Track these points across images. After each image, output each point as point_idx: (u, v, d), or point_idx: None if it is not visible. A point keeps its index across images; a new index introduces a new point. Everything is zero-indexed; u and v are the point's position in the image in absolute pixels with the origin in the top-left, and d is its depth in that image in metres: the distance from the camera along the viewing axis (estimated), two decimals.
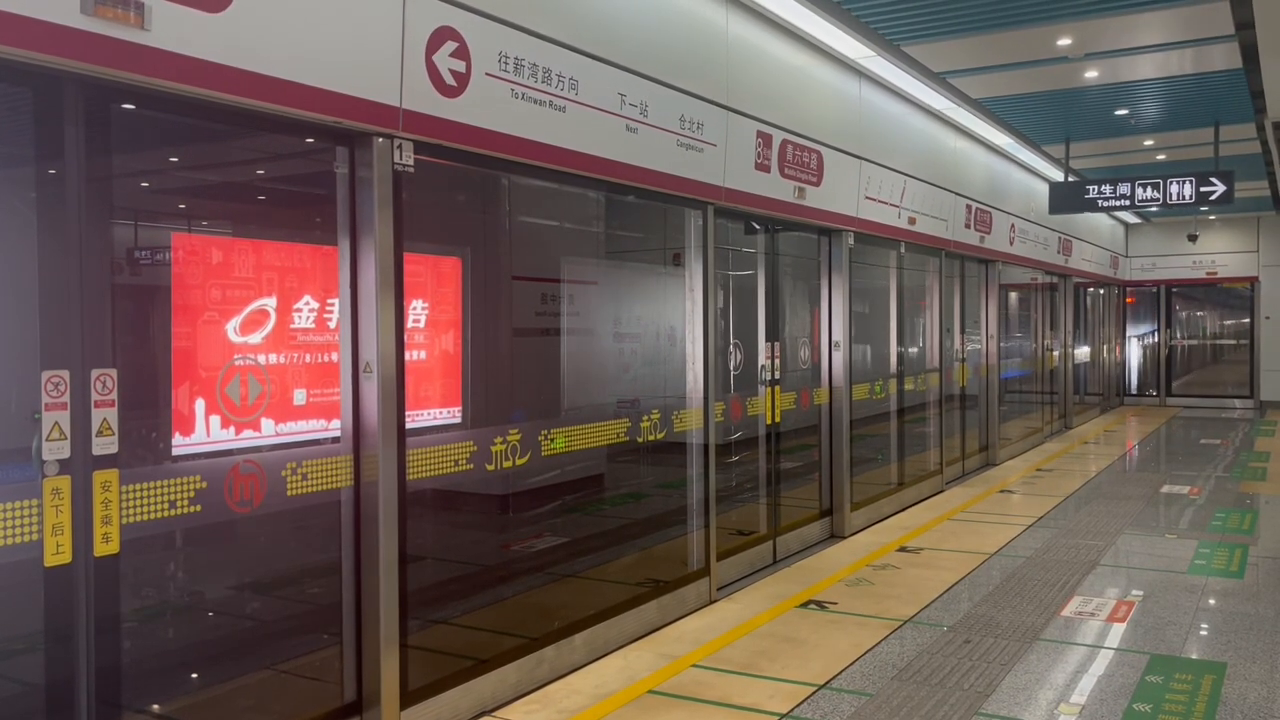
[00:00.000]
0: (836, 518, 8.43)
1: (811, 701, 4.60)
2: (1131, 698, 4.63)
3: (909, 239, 9.73)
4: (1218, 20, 7.46)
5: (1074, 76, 9.33)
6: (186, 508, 3.57)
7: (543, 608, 5.33)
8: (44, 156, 3.18)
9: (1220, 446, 14.00)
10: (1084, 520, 8.67)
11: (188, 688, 3.85)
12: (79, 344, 3.20)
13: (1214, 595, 6.33)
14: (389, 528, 4.15)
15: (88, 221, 3.23)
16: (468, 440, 4.81)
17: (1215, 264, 20.24)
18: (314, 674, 4.21)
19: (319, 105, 3.77)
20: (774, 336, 7.59)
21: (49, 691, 3.20)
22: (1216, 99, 10.29)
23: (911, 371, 10.30)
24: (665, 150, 5.85)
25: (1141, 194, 12.08)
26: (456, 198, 5.43)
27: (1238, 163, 12.75)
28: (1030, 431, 14.41)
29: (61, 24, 2.98)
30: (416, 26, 4.16)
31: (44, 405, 3.11)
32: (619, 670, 5.04)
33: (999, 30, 7.77)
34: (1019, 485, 10.76)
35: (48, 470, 3.12)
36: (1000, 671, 4.98)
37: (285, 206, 4.59)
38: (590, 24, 5.24)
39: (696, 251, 6.46)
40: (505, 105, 4.64)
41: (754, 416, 7.48)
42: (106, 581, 3.28)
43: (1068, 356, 16.50)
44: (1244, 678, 4.88)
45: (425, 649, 4.50)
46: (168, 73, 3.27)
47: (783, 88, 7.29)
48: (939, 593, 6.38)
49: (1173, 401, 20.79)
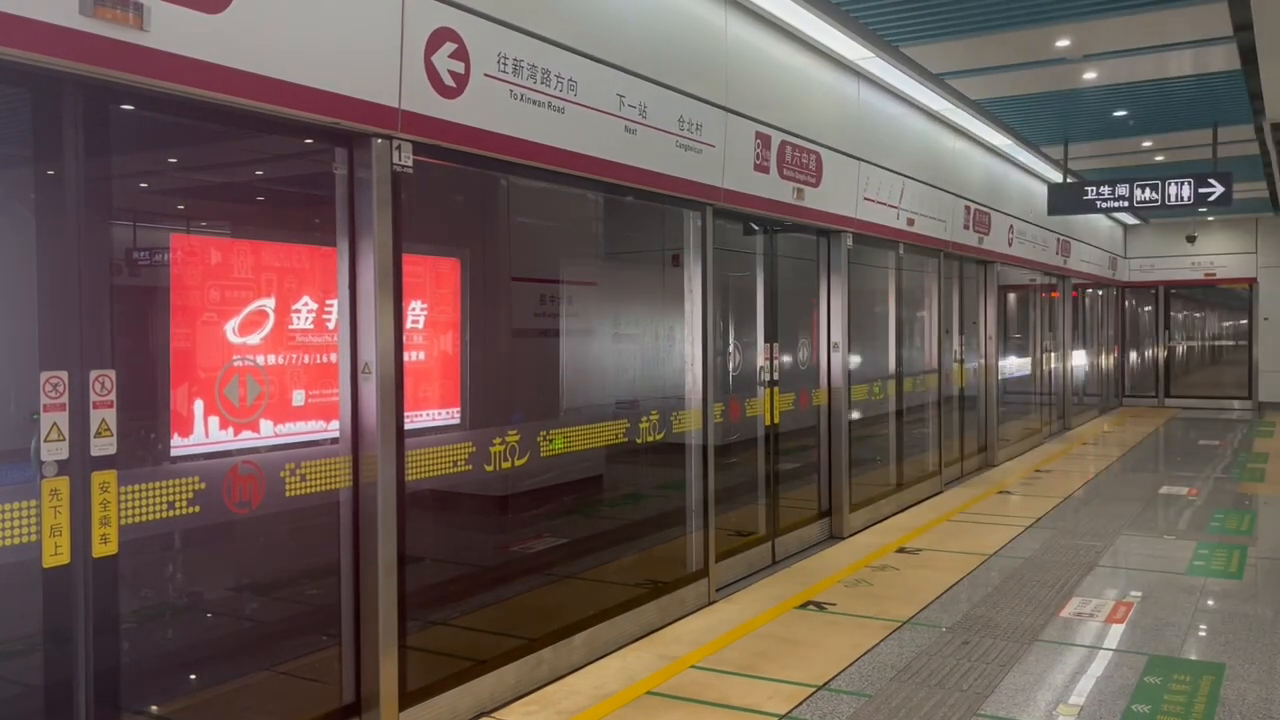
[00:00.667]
0: (835, 519, 8.43)
1: (810, 702, 4.60)
2: (1130, 699, 4.63)
3: (908, 240, 9.74)
4: (1216, 22, 7.46)
5: (1073, 77, 9.34)
6: (185, 509, 3.57)
7: (542, 609, 5.33)
8: (43, 157, 3.18)
9: (1219, 447, 14.01)
10: (1083, 521, 8.67)
11: (187, 689, 3.85)
12: (77, 345, 3.20)
13: (1212, 596, 6.34)
14: (387, 529, 4.14)
15: (86, 222, 3.23)
16: (466, 441, 4.81)
17: (1214, 265, 20.25)
18: (313, 675, 4.21)
19: (318, 106, 3.77)
20: (773, 337, 7.59)
21: (48, 692, 3.20)
22: (1215, 100, 10.29)
23: (910, 372, 10.29)
24: (664, 151, 5.85)
25: (1140, 195, 12.08)
26: (455, 199, 5.43)
27: (1236, 164, 12.75)
28: (1029, 432, 14.42)
29: (60, 25, 2.98)
30: (415, 27, 4.16)
31: (43, 406, 3.11)
32: (618, 671, 5.04)
33: (998, 31, 7.78)
34: (1018, 486, 10.76)
35: (46, 471, 3.12)
36: (999, 672, 4.98)
37: (284, 207, 4.58)
38: (589, 25, 5.24)
39: (695, 252, 6.47)
40: (504, 106, 4.64)
41: (753, 417, 7.48)
42: (105, 583, 3.28)
43: (1066, 358, 16.51)
44: (1242, 678, 4.88)
45: (424, 650, 4.49)
46: (166, 74, 3.27)
47: (782, 89, 7.29)
48: (938, 594, 6.38)
49: (1171, 403, 20.80)
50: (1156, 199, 11.99)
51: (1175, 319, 21.57)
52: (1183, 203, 11.91)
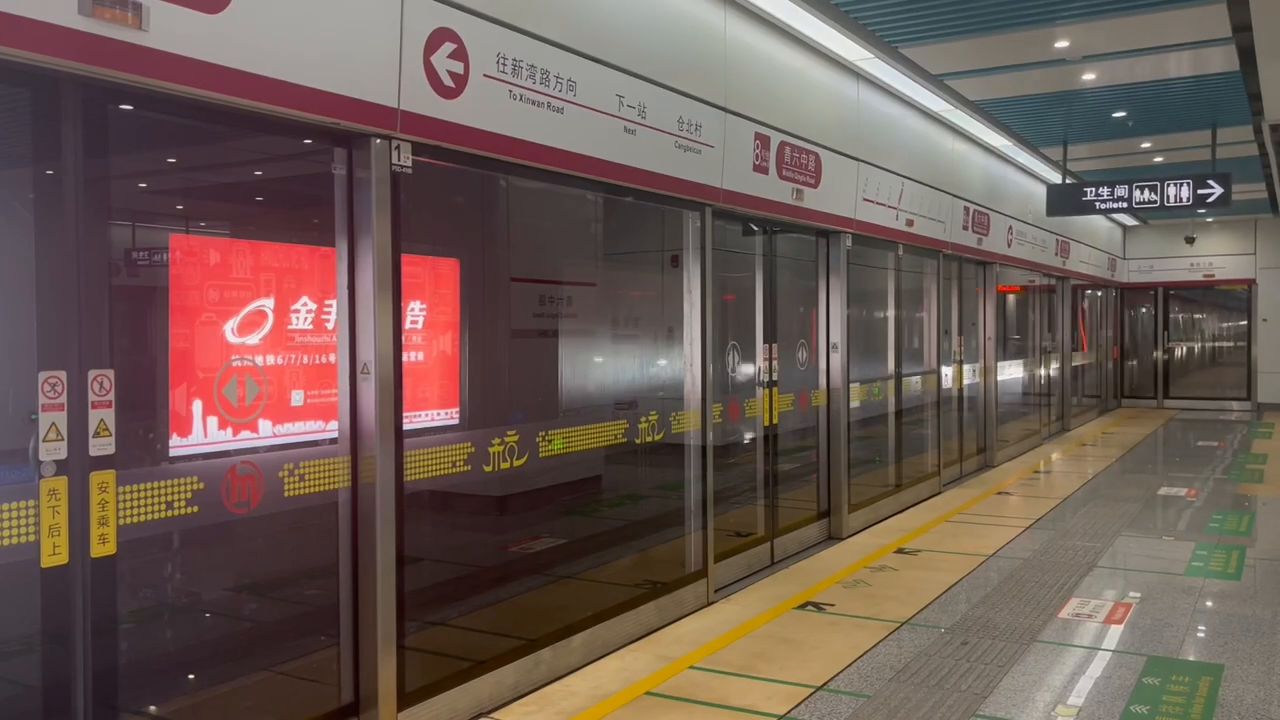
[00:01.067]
0: (834, 519, 8.42)
1: (809, 703, 4.60)
2: (1129, 699, 4.63)
3: (907, 240, 9.74)
4: (1215, 23, 7.47)
5: (1072, 79, 9.34)
6: (183, 509, 3.57)
7: (541, 609, 5.32)
8: (42, 157, 3.18)
9: (1217, 449, 14.01)
10: (1081, 522, 8.68)
11: (185, 689, 3.84)
12: (76, 345, 3.20)
13: (1211, 597, 6.34)
14: (386, 529, 4.14)
15: (85, 222, 3.22)
16: (465, 441, 4.81)
17: (1213, 266, 20.25)
18: (311, 675, 4.20)
19: (317, 106, 3.77)
20: (772, 338, 7.59)
21: (46, 693, 3.20)
22: (1214, 101, 10.30)
23: (909, 373, 10.30)
24: (663, 152, 5.85)
25: (1139, 196, 12.09)
26: (454, 199, 5.43)
27: (1235, 165, 12.76)
28: (1028, 433, 14.42)
29: (59, 24, 2.98)
30: (415, 28, 4.16)
31: (41, 406, 3.11)
32: (617, 671, 5.04)
33: (997, 32, 7.78)
34: (1017, 487, 10.76)
35: (44, 471, 3.12)
36: (998, 673, 4.98)
37: (283, 207, 4.58)
38: (588, 26, 5.24)
39: (694, 253, 6.46)
40: (503, 106, 4.64)
41: (752, 418, 7.48)
42: (103, 583, 3.28)
43: (1065, 359, 16.51)
44: (1241, 679, 4.88)
45: (423, 650, 4.49)
46: (165, 74, 3.26)
47: (781, 90, 7.29)
48: (937, 594, 6.38)
49: (1170, 404, 20.81)
50: (1155, 200, 11.99)
51: (1174, 320, 21.58)
52: (1182, 204, 11.91)
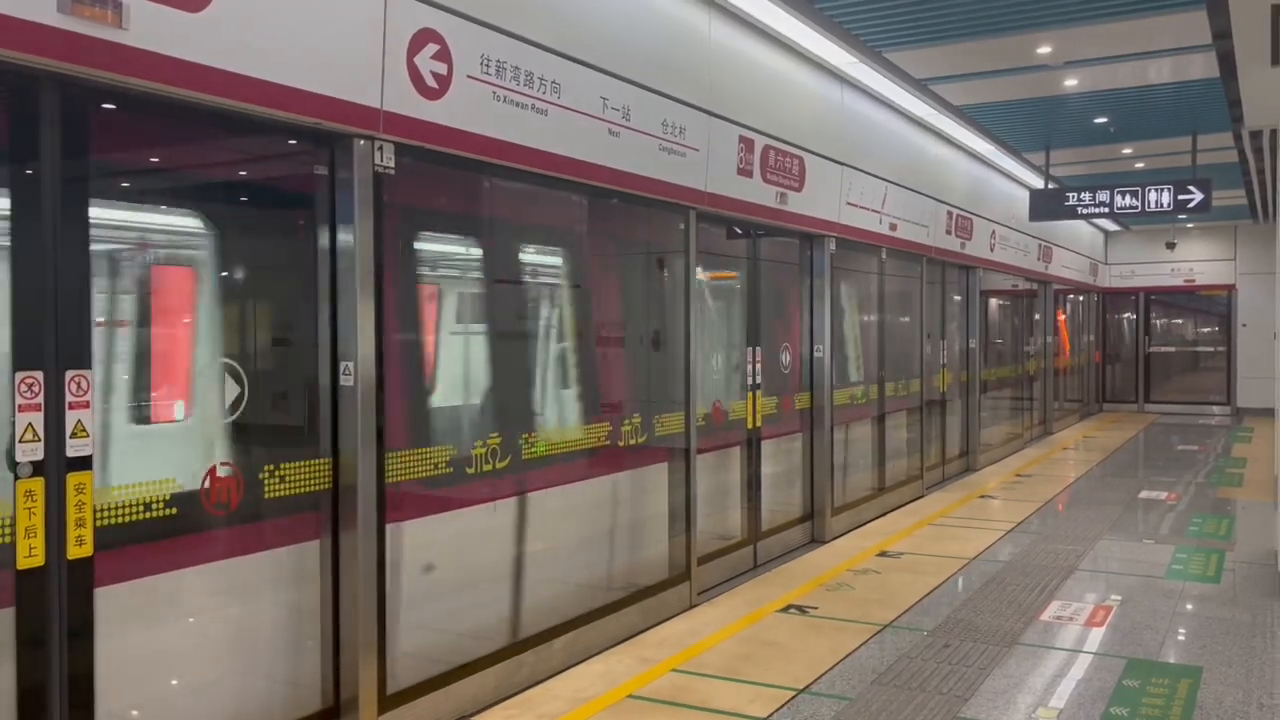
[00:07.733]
0: (818, 522, 8.43)
1: (791, 706, 4.60)
2: (1109, 701, 4.65)
3: (890, 244, 9.77)
4: (1195, 29, 7.52)
5: (1054, 84, 9.40)
6: (162, 510, 3.54)
7: (522, 612, 5.30)
8: (20, 156, 3.14)
9: (1198, 452, 14.11)
10: (1063, 525, 8.72)
11: (161, 692, 3.81)
12: (53, 345, 3.17)
13: (1191, 600, 6.38)
14: (367, 531, 4.12)
15: (63, 222, 3.19)
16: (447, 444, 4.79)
17: (1193, 271, 20.40)
18: (291, 678, 4.17)
19: (299, 106, 3.75)
20: (755, 341, 7.59)
21: (20, 697, 3.16)
22: (1194, 108, 10.38)
23: (893, 377, 10.32)
24: (647, 154, 5.85)
25: (1120, 201, 12.16)
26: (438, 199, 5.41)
27: (1215, 171, 12.86)
28: (1011, 437, 14.48)
29: (37, 21, 2.95)
30: (398, 28, 4.14)
31: (17, 406, 3.08)
32: (599, 675, 5.03)
33: (980, 38, 7.82)
34: (999, 490, 10.80)
35: (21, 472, 3.09)
36: (979, 676, 4.99)
37: (265, 207, 4.55)
38: (572, 27, 5.23)
39: (678, 256, 6.46)
40: (487, 108, 4.63)
41: (736, 421, 7.47)
42: (79, 585, 3.24)
43: (1048, 363, 16.60)
44: (1220, 682, 4.91)
45: (404, 653, 4.46)
46: (146, 72, 3.24)
47: (765, 93, 7.31)
48: (919, 597, 6.39)
49: (1151, 408, 20.94)
50: (1137, 205, 12.07)
51: (1155, 325, 21.72)
52: (1163, 209, 11.99)
